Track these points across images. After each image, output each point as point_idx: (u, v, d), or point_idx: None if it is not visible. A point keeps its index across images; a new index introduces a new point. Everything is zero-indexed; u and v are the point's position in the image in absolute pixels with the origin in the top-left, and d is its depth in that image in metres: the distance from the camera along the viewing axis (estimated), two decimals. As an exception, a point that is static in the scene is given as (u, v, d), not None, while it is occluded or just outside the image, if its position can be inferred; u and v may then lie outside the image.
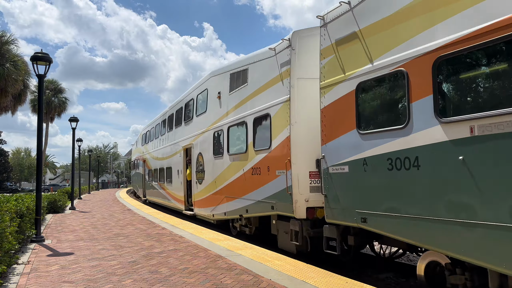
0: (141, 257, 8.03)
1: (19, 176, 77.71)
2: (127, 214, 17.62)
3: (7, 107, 33.15)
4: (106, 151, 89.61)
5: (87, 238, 10.75)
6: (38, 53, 10.55)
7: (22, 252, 8.74)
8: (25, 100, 37.04)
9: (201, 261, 7.55)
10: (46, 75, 10.83)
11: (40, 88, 11.10)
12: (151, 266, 7.20)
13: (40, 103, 11.02)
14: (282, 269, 6.73)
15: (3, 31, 31.30)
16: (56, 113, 47.21)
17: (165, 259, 7.80)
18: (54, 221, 15.26)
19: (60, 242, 10.05)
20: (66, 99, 48.07)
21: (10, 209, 8.37)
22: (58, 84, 47.59)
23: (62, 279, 6.35)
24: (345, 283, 5.88)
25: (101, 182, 68.66)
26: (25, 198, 12.21)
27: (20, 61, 31.26)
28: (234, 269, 6.81)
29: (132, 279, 6.25)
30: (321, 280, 6.01)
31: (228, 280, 6.10)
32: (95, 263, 7.51)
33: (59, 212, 19.08)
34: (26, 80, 34.89)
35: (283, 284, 5.82)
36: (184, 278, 6.31)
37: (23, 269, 7.06)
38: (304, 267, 6.92)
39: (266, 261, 7.44)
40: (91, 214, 17.84)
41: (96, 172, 66.62)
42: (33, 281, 6.24)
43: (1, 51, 30.03)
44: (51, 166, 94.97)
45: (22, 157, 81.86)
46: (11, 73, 29.68)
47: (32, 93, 41.12)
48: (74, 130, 22.86)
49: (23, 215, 9.63)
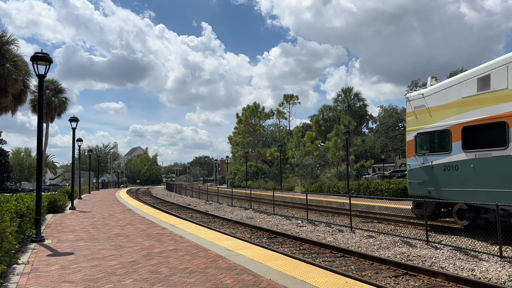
0: (141, 257, 8.04)
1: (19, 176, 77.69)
2: (127, 214, 17.63)
3: (7, 107, 33.10)
4: (106, 151, 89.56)
5: (87, 238, 10.75)
6: (38, 53, 10.55)
7: (22, 252, 8.74)
8: (25, 100, 36.98)
9: (201, 261, 7.55)
10: (46, 75, 10.84)
11: (40, 88, 11.09)
12: (151, 266, 7.20)
13: (40, 103, 11.02)
14: (282, 269, 6.74)
15: (3, 31, 31.24)
16: (56, 113, 47.15)
17: (165, 259, 7.81)
18: (54, 221, 15.27)
19: (60, 242, 10.06)
20: (66, 99, 48.03)
21: (10, 209, 8.36)
22: (58, 84, 47.54)
23: (62, 279, 6.35)
24: (345, 283, 5.88)
25: (101, 182, 68.63)
26: (25, 198, 12.21)
27: (20, 61, 31.21)
28: (234, 269, 6.82)
29: (132, 279, 6.26)
30: (321, 280, 6.01)
31: (228, 280, 6.10)
32: (95, 263, 7.52)
33: (59, 212, 19.09)
34: (26, 80, 34.85)
35: (283, 284, 5.83)
36: (184, 278, 6.31)
37: (23, 269, 7.06)
38: (304, 267, 6.92)
39: (266, 261, 7.45)
40: (91, 214, 17.85)
41: (96, 172, 66.60)
42: (33, 281, 6.25)
43: (1, 51, 30.02)
44: (51, 166, 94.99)
45: (22, 157, 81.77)
46: (11, 73, 29.64)
47: (32, 93, 41.12)
48: (74, 130, 22.87)
49: (23, 215, 9.63)
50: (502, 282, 7.65)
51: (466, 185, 12.28)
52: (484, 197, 11.66)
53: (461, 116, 12.57)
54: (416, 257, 9.88)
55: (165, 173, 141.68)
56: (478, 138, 12.26)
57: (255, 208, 24.16)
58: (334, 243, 12.07)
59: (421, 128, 14.05)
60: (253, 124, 68.32)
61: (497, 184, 11.33)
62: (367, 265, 9.31)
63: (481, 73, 12.19)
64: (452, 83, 13.16)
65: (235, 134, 71.85)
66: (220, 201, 30.82)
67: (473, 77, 12.38)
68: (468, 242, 11.29)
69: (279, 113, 69.60)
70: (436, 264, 9.16)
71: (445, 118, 13.15)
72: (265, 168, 62.56)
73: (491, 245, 10.90)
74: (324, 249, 11.26)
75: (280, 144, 54.29)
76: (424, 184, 13.73)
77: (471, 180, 12.13)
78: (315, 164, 49.60)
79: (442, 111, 13.32)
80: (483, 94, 12.00)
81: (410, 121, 14.67)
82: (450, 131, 12.85)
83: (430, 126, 13.72)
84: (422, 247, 10.96)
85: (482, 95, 12.03)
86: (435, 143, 13.69)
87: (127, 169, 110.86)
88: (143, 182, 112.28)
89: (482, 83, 12.05)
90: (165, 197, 41.97)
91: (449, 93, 13.09)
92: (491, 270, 8.39)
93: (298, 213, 20.72)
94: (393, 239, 12.16)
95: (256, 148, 68.47)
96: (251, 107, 67.70)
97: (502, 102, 11.49)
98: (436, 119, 13.49)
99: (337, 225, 15.46)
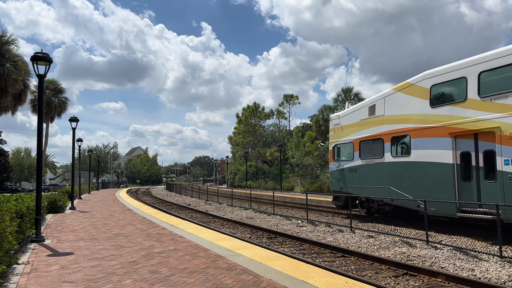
0: (141, 257, 8.04)
1: (19, 176, 77.65)
2: (127, 214, 17.63)
3: (7, 107, 33.10)
4: (106, 151, 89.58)
5: (87, 238, 10.75)
6: (38, 53, 10.55)
7: (22, 252, 8.74)
8: (25, 100, 36.99)
9: (201, 261, 7.55)
10: (46, 75, 10.84)
11: (40, 88, 11.09)
12: (151, 266, 7.20)
13: (40, 103, 11.02)
14: (282, 269, 6.74)
15: (3, 31, 31.26)
16: (56, 113, 47.16)
17: (165, 259, 7.81)
18: (54, 221, 15.27)
19: (60, 242, 10.06)
20: (66, 99, 48.04)
21: (10, 209, 8.37)
22: (58, 84, 47.55)
23: (62, 279, 6.35)
24: (345, 283, 5.88)
25: (101, 182, 68.62)
26: (25, 198, 12.21)
27: (20, 61, 31.21)
28: (234, 269, 6.82)
29: (132, 279, 6.26)
30: (321, 280, 6.01)
31: (228, 280, 6.10)
32: (95, 263, 7.52)
33: (59, 212, 19.09)
34: (26, 80, 34.86)
35: (283, 284, 5.82)
36: (184, 278, 6.31)
37: (23, 269, 7.06)
38: (304, 267, 6.92)
39: (266, 261, 7.44)
40: (91, 214, 17.85)
41: (96, 172, 66.61)
42: (33, 281, 6.24)
43: (1, 51, 30.02)
44: (51, 166, 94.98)
45: (22, 157, 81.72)
46: (11, 73, 29.65)
47: (32, 93, 41.11)
48: (74, 130, 22.87)
49: (23, 215, 9.63)
50: (502, 282, 7.65)
51: (362, 183, 17.27)
52: (371, 191, 16.60)
53: (359, 133, 17.52)
54: (416, 257, 9.88)
55: (165, 173, 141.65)
56: (367, 150, 16.95)
57: (255, 208, 24.16)
58: (334, 243, 12.07)
59: (337, 141, 19.21)
60: (253, 124, 68.33)
61: (378, 182, 16.23)
62: (367, 265, 9.31)
63: (371, 103, 16.88)
64: (355, 108, 18.04)
65: (235, 134, 71.86)
66: (220, 201, 30.82)
67: (366, 105, 17.14)
68: (468, 242, 11.29)
69: (279, 113, 69.62)
70: (436, 264, 9.16)
71: (351, 134, 18.13)
72: (265, 168, 62.56)
73: (491, 245, 10.90)
74: (324, 249, 11.26)
75: (280, 144, 54.32)
76: (339, 182, 18.93)
77: (364, 179, 17.09)
78: (315, 164, 49.55)
79: (349, 128, 18.32)
80: (371, 118, 16.76)
81: (331, 135, 19.98)
82: (353, 144, 17.94)
83: (342, 139, 18.79)
84: (422, 247, 10.96)
85: (371, 118, 16.79)
86: (345, 152, 18.63)
87: (127, 169, 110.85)
88: (143, 182, 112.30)
89: (371, 110, 16.83)
90: (165, 197, 41.97)
91: (354, 116, 18.04)
92: (491, 270, 8.39)
93: (298, 213, 20.72)
94: (393, 239, 12.15)
95: (256, 148, 68.47)
96: (251, 107, 67.72)
97: (381, 124, 16.13)
98: (346, 135, 18.53)
99: (337, 225, 15.46)
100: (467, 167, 12.54)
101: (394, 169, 15.34)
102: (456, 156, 12.79)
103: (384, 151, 15.72)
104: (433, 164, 13.46)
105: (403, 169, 14.88)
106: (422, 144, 13.96)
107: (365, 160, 16.85)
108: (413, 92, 14.58)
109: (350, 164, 17.89)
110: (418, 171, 14.17)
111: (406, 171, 14.71)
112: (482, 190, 12.03)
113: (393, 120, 15.47)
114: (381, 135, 15.91)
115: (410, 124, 14.61)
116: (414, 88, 14.57)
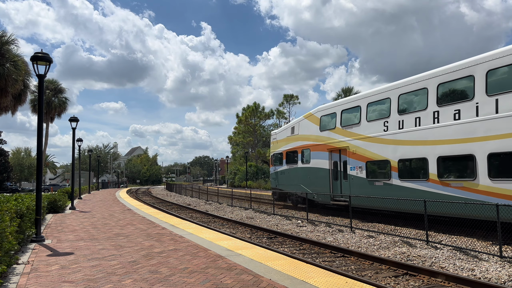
0: (141, 257, 8.04)
1: (19, 176, 77.61)
2: (127, 214, 17.63)
3: (7, 107, 33.08)
4: (106, 151, 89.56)
5: (87, 238, 10.75)
6: (38, 53, 10.54)
7: (22, 252, 8.74)
8: (25, 100, 36.99)
9: (201, 261, 7.55)
10: (46, 75, 10.84)
11: (40, 88, 11.09)
12: (151, 266, 7.20)
13: (40, 103, 11.01)
14: (282, 269, 6.74)
15: (3, 31, 31.24)
16: (56, 113, 47.18)
17: (165, 259, 7.81)
18: (54, 221, 15.26)
19: (60, 242, 10.06)
20: (66, 99, 48.07)
21: (10, 209, 8.37)
22: (58, 84, 47.57)
23: (62, 279, 6.35)
24: (345, 283, 5.88)
25: (101, 182, 68.59)
26: (25, 198, 12.21)
27: (20, 61, 31.21)
28: (234, 269, 6.81)
29: (132, 279, 6.26)
30: (321, 280, 6.01)
31: (228, 280, 6.10)
32: (95, 263, 7.52)
33: (59, 212, 19.09)
34: (26, 80, 34.87)
35: (283, 284, 5.82)
36: (184, 278, 6.31)
37: (23, 269, 7.06)
38: (304, 267, 6.92)
39: (266, 261, 7.44)
40: (91, 214, 17.84)
41: (96, 172, 66.58)
42: (33, 281, 6.24)
43: (1, 51, 30.01)
44: (51, 166, 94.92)
45: (22, 157, 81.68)
46: (11, 73, 29.65)
47: (32, 93, 41.13)
48: (74, 130, 22.86)
49: (23, 215, 9.63)
50: (502, 282, 7.65)
51: (288, 182, 23.83)
52: (292, 188, 23.08)
53: (286, 146, 24.12)
54: (416, 257, 9.88)
55: (165, 173, 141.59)
56: (290, 158, 23.45)
57: (255, 208, 24.17)
58: (334, 243, 12.07)
59: (274, 151, 26.07)
60: (253, 124, 68.31)
61: (295, 182, 22.67)
62: (367, 265, 9.31)
63: (292, 125, 23.93)
64: (284, 128, 25.17)
65: (235, 134, 71.84)
66: (220, 201, 30.82)
67: (290, 126, 24.12)
68: (468, 242, 11.29)
69: (279, 113, 69.53)
70: (436, 264, 9.16)
71: (282, 146, 24.82)
72: (265, 168, 62.51)
73: (491, 245, 10.90)
74: (324, 249, 11.26)
75: (280, 144, 54.23)
76: (275, 181, 25.83)
77: (288, 180, 23.66)
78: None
79: (281, 142, 25.01)
80: (292, 136, 23.47)
81: (271, 147, 27.17)
82: (283, 153, 24.52)
83: (277, 150, 25.52)
84: (422, 247, 10.96)
85: (292, 136, 23.50)
86: (278, 159, 25.31)
87: (127, 169, 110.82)
88: (143, 182, 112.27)
89: (292, 130, 23.71)
90: (165, 197, 41.97)
91: (284, 133, 24.86)
92: (491, 270, 8.39)
93: (298, 213, 20.73)
94: (393, 239, 12.15)
95: (256, 148, 68.45)
96: (251, 107, 67.71)
97: (297, 141, 22.77)
98: (279, 147, 25.20)
99: (337, 225, 15.46)
100: (335, 171, 19.42)
101: (302, 172, 21.94)
102: (331, 164, 19.62)
103: (298, 159, 22.47)
104: (321, 169, 20.24)
105: (306, 172, 21.50)
106: (316, 155, 20.71)
107: (289, 165, 23.59)
108: (312, 119, 21.41)
109: (281, 168, 24.72)
110: (313, 174, 20.84)
111: (308, 173, 21.38)
112: (342, 186, 18.69)
113: (302, 138, 22.20)
114: (296, 148, 22.75)
115: (310, 142, 21.36)
116: (312, 117, 21.36)
